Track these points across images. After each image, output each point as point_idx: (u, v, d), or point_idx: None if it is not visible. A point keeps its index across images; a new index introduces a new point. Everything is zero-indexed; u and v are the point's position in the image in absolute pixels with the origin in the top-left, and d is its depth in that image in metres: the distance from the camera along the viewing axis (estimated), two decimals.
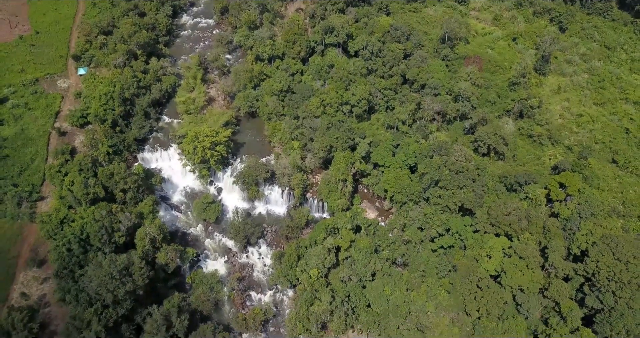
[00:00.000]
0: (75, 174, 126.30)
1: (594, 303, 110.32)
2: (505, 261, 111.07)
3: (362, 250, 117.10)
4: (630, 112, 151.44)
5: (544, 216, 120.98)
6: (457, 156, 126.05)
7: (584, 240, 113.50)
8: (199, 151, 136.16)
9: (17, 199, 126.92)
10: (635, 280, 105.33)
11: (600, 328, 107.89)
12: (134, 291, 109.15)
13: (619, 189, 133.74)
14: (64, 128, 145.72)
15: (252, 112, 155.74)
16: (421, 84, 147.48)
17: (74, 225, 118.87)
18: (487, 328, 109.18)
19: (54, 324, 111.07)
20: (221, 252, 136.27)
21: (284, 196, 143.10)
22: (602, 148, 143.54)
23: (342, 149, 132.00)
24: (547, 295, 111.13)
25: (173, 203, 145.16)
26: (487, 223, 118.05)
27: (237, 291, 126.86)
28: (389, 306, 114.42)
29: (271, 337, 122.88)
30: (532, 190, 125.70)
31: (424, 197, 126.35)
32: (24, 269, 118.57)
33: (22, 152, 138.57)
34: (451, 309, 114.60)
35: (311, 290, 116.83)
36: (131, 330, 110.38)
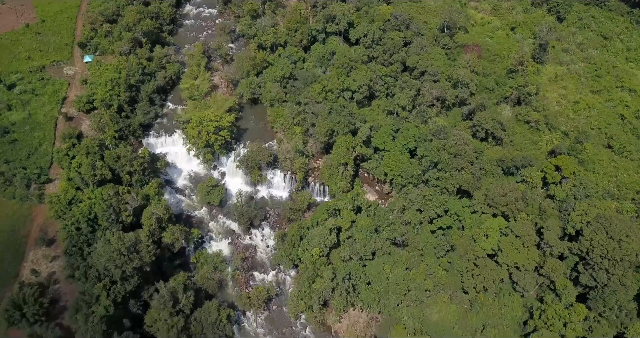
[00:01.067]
0: (82, 157, 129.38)
1: (587, 281, 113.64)
2: (501, 239, 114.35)
3: (363, 230, 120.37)
4: (626, 100, 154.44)
5: (539, 198, 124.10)
6: (456, 140, 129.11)
7: (578, 220, 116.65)
8: (203, 136, 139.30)
9: (25, 181, 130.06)
10: (627, 257, 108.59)
11: (594, 304, 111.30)
12: (141, 268, 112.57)
13: (614, 173, 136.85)
14: (71, 113, 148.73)
15: (255, 99, 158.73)
16: (421, 71, 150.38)
17: (82, 206, 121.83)
18: (484, 304, 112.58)
19: (64, 300, 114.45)
20: (225, 234, 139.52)
21: (286, 181, 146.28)
22: (597, 134, 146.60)
23: (343, 133, 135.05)
24: (542, 272, 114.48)
25: (177, 187, 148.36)
26: (484, 204, 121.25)
27: (241, 271, 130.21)
28: (389, 284, 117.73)
29: (274, 315, 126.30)
30: (528, 173, 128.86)
31: (423, 180, 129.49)
32: (33, 248, 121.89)
33: (30, 136, 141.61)
34: (449, 287, 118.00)
35: (313, 269, 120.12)
36: (138, 305, 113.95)
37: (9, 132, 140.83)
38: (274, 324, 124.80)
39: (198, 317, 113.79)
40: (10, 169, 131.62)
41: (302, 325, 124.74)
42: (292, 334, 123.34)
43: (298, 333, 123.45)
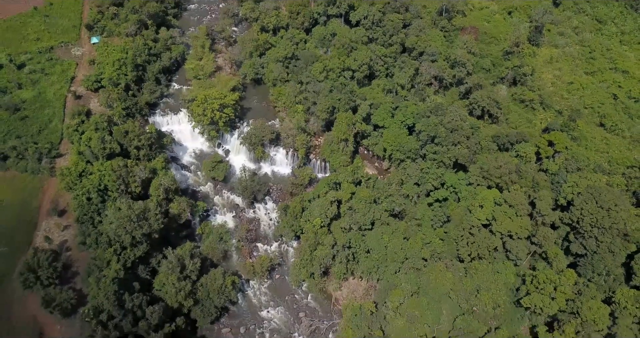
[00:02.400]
0: (92, 132, 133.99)
1: (578, 249, 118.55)
2: (495, 209, 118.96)
3: (362, 200, 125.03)
4: (619, 80, 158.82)
5: (533, 171, 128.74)
6: (453, 116, 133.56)
7: (569, 191, 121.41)
8: (208, 113, 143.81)
9: (37, 155, 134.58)
10: (615, 225, 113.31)
11: (583, 270, 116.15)
12: (150, 235, 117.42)
13: (605, 149, 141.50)
14: (79, 91, 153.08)
15: (258, 79, 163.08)
16: (419, 51, 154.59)
17: (92, 178, 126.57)
18: (478, 269, 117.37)
19: (75, 266, 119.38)
20: (229, 208, 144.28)
21: (289, 158, 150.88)
22: (590, 113, 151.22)
23: (344, 110, 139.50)
24: (534, 241, 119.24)
25: (183, 163, 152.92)
26: (479, 176, 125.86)
27: (245, 242, 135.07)
28: (387, 253, 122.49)
29: (277, 284, 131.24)
30: (522, 148, 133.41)
31: (421, 154, 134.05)
32: (45, 218, 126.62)
33: (41, 113, 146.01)
34: (445, 256, 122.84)
35: (314, 237, 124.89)
36: (147, 271, 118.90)
37: (19, 109, 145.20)
38: (276, 292, 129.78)
39: (204, 282, 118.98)
40: (22, 143, 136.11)
41: (304, 293, 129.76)
42: (294, 301, 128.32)
43: (300, 301, 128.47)
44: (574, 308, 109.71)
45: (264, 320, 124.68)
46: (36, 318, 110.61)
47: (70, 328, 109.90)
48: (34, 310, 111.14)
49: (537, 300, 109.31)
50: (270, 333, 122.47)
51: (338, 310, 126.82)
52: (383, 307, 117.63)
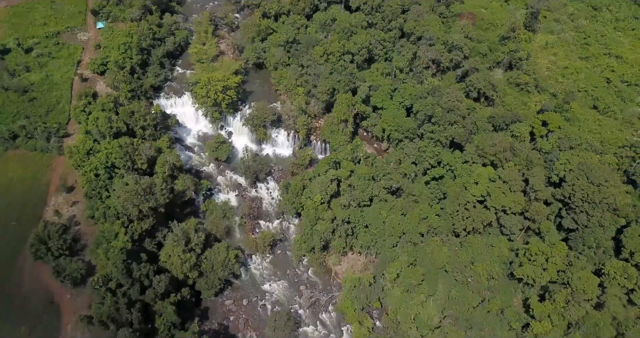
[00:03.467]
0: (99, 112, 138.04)
1: (569, 224, 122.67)
2: (490, 185, 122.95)
3: (361, 177, 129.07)
4: (612, 65, 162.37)
5: (527, 150, 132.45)
6: (450, 97, 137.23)
7: (562, 169, 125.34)
8: (211, 95, 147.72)
9: (46, 134, 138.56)
10: (605, 200, 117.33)
11: (574, 244, 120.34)
12: (156, 209, 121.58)
13: (598, 130, 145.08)
14: (86, 74, 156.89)
15: (260, 64, 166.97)
16: (417, 36, 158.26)
17: (99, 155, 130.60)
18: (472, 243, 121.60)
19: (84, 240, 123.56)
20: (232, 187, 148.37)
21: (290, 139, 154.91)
22: (584, 96, 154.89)
23: (343, 91, 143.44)
24: (527, 216, 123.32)
25: (187, 144, 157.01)
26: (475, 154, 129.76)
27: (248, 219, 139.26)
28: (385, 228, 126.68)
29: (278, 259, 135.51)
30: (517, 128, 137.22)
31: (418, 133, 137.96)
32: (54, 194, 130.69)
33: (48, 95, 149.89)
34: (441, 231, 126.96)
35: (315, 213, 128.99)
36: (153, 244, 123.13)
37: (28, 91, 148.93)
38: (278, 266, 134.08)
39: (208, 255, 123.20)
40: (31, 123, 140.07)
41: (305, 268, 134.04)
42: (295, 275, 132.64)
43: (301, 275, 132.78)
44: (564, 278, 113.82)
45: (266, 293, 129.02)
46: (47, 287, 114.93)
47: (79, 296, 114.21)
48: (45, 279, 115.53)
49: (529, 270, 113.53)
50: (272, 305, 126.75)
51: (338, 283, 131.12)
52: (381, 279, 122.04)
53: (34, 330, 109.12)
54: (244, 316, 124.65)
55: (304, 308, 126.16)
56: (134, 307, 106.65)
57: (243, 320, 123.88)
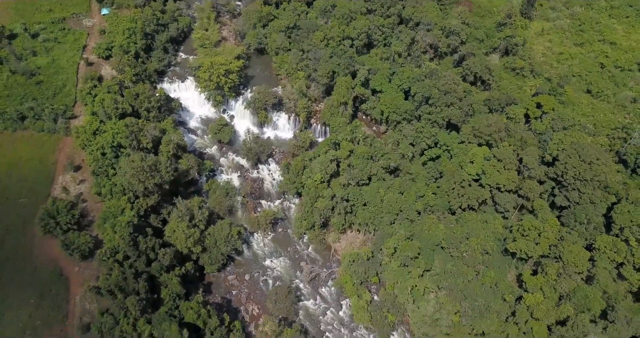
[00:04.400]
0: (105, 94, 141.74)
1: (562, 201, 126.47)
2: (485, 164, 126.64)
3: (360, 156, 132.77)
4: (607, 51, 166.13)
5: (521, 131, 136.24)
6: (447, 80, 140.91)
7: (555, 148, 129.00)
8: (214, 78, 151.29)
9: (53, 115, 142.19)
10: (596, 178, 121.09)
11: (566, 220, 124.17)
12: (161, 185, 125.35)
13: (591, 113, 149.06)
14: (91, 59, 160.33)
15: (261, 49, 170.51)
16: (416, 22, 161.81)
17: (105, 135, 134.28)
18: (468, 219, 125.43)
19: (91, 216, 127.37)
20: (234, 169, 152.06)
21: (290, 122, 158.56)
22: (578, 80, 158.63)
23: (343, 74, 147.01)
24: (521, 193, 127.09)
25: (190, 127, 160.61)
26: (470, 134, 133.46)
27: (250, 198, 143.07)
28: (383, 205, 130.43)
29: (279, 236, 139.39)
30: (512, 110, 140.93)
31: (416, 115, 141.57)
32: (62, 173, 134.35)
33: (55, 78, 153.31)
34: (438, 209, 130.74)
35: (315, 191, 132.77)
36: (158, 220, 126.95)
37: (35, 74, 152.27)
38: (279, 244, 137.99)
39: (212, 231, 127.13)
40: (39, 105, 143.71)
41: (305, 245, 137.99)
42: (295, 252, 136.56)
43: (301, 252, 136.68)
44: (556, 253, 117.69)
45: (267, 269, 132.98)
46: (56, 260, 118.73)
47: (87, 269, 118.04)
48: (54, 253, 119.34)
49: (522, 244, 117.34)
50: (274, 280, 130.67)
51: (337, 259, 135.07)
52: (379, 254, 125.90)
53: (43, 301, 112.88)
54: (246, 290, 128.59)
55: (305, 282, 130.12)
56: (140, 278, 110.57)
57: (245, 294, 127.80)
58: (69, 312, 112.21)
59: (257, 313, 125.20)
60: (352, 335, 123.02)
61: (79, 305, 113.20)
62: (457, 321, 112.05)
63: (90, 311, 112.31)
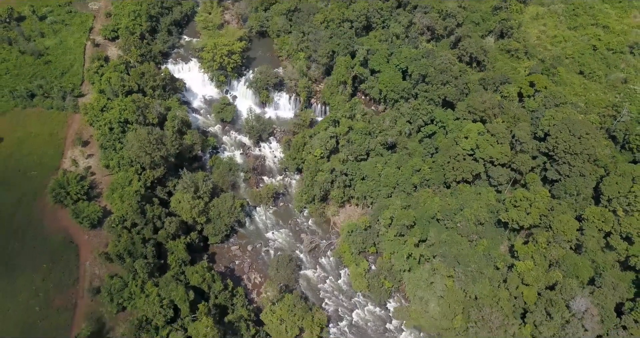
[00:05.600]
0: (112, 73, 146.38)
1: (553, 175, 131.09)
2: (479, 138, 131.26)
3: (359, 132, 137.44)
4: (599, 34, 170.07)
5: (515, 108, 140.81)
6: (443, 60, 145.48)
7: (546, 124, 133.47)
8: (217, 58, 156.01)
9: (61, 93, 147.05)
10: (586, 151, 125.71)
11: (557, 192, 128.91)
12: (167, 158, 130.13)
13: (583, 93, 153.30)
14: (98, 40, 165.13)
15: (263, 32, 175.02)
16: (413, 5, 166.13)
17: (112, 111, 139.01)
18: (462, 191, 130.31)
19: (99, 188, 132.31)
20: (237, 146, 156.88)
21: (291, 102, 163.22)
22: (571, 62, 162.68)
23: (343, 54, 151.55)
24: (513, 167, 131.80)
25: (194, 107, 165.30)
26: (465, 111, 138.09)
27: (252, 174, 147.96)
28: (381, 179, 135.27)
29: (281, 210, 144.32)
30: (506, 89, 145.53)
31: (413, 93, 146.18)
32: (71, 148, 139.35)
33: (63, 59, 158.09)
34: (433, 182, 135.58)
35: (315, 166, 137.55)
36: (164, 192, 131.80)
37: (43, 55, 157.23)
38: (280, 217, 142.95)
39: (216, 203, 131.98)
40: (47, 83, 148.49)
41: (305, 218, 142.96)
42: (296, 225, 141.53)
43: (301, 224, 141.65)
44: (546, 222, 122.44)
45: (269, 240, 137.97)
46: (66, 229, 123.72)
47: (97, 237, 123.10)
48: (65, 222, 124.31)
49: (514, 214, 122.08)
50: (275, 251, 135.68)
51: (336, 232, 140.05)
52: (376, 225, 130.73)
53: (55, 266, 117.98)
54: (249, 260, 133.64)
55: (305, 253, 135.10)
56: (148, 243, 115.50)
57: (248, 264, 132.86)
58: (79, 276, 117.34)
59: (259, 281, 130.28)
60: (350, 302, 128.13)
61: (88, 270, 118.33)
62: (451, 285, 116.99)
63: (100, 276, 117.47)
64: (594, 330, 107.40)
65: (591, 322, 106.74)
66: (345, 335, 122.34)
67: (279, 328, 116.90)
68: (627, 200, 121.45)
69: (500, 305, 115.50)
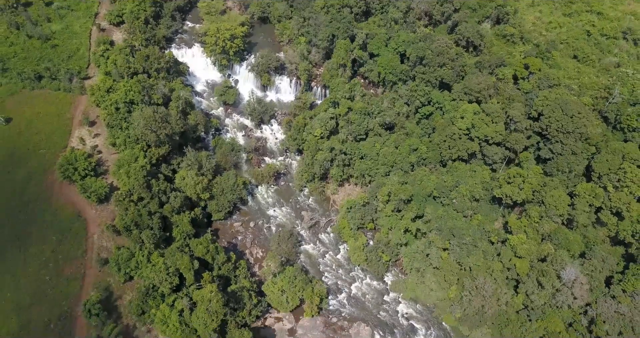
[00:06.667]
0: (117, 55, 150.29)
1: (546, 154, 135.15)
2: (474, 118, 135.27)
3: (358, 112, 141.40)
4: (593, 20, 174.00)
5: (509, 89, 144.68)
6: (440, 43, 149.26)
7: (540, 104, 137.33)
8: (219, 42, 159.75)
9: (68, 75, 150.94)
10: (578, 129, 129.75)
11: (549, 169, 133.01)
12: (172, 136, 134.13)
13: (576, 76, 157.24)
14: (103, 25, 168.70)
15: (264, 18, 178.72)
16: None
17: (118, 92, 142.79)
18: (458, 168, 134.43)
19: (106, 165, 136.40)
20: (239, 128, 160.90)
21: (292, 86, 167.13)
22: (565, 47, 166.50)
23: (342, 38, 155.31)
24: (507, 145, 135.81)
25: (197, 90, 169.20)
26: (461, 92, 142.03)
27: (254, 154, 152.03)
28: (379, 158, 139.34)
29: (282, 189, 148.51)
30: (501, 71, 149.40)
31: (411, 75, 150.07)
32: (78, 127, 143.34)
33: (69, 43, 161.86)
34: (430, 161, 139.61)
35: (315, 145, 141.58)
36: (169, 170, 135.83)
37: (50, 39, 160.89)
38: (282, 195, 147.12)
39: (219, 181, 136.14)
40: (54, 65, 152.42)
41: (306, 196, 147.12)
42: (297, 203, 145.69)
43: (302, 202, 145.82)
44: (539, 197, 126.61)
45: (270, 217, 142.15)
46: (74, 204, 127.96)
47: (104, 212, 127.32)
48: (73, 198, 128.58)
49: (507, 189, 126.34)
50: (277, 227, 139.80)
51: (335, 209, 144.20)
52: (374, 201, 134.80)
53: (64, 239, 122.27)
54: (251, 236, 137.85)
55: (305, 229, 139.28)
56: (154, 216, 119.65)
57: (250, 239, 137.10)
58: (87, 248, 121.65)
59: (261, 256, 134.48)
60: (349, 276, 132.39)
61: (96, 243, 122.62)
62: (446, 257, 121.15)
63: (107, 248, 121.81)
64: (583, 298, 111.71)
65: (580, 290, 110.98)
66: (344, 307, 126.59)
67: (280, 298, 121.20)
68: (617, 176, 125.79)
69: (494, 276, 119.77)
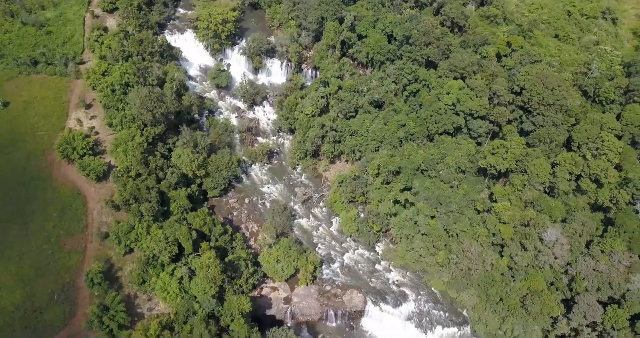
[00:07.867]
0: (112, 40, 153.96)
1: (528, 127, 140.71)
2: (459, 93, 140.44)
3: (347, 89, 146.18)
4: (574, 1, 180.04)
5: (493, 66, 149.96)
6: (426, 23, 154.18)
7: (522, 79, 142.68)
8: (212, 27, 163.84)
9: (63, 60, 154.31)
10: (558, 102, 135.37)
11: (532, 140, 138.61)
12: (167, 115, 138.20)
13: (557, 54, 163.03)
14: (97, 12, 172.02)
15: (255, 4, 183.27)
16: None
17: (114, 74, 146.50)
18: (444, 141, 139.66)
19: (103, 145, 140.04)
20: (232, 110, 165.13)
21: (283, 68, 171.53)
22: (547, 26, 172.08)
23: (331, 20, 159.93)
24: (491, 119, 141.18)
25: (190, 75, 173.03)
26: (447, 70, 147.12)
27: (247, 133, 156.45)
28: (368, 134, 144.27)
29: (275, 167, 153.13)
30: (485, 49, 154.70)
31: (398, 55, 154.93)
32: (75, 110, 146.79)
33: (63, 29, 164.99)
34: (417, 136, 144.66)
35: (307, 123, 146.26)
36: (165, 149, 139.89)
37: (44, 26, 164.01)
38: (275, 173, 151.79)
39: (214, 159, 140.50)
40: (49, 51, 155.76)
41: (298, 174, 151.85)
42: (290, 180, 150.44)
43: (295, 179, 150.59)
44: (521, 167, 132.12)
45: (265, 194, 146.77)
46: (74, 182, 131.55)
47: (103, 189, 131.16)
48: (72, 176, 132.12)
49: (491, 159, 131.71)
50: (271, 203, 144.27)
51: (327, 185, 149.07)
52: (364, 175, 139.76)
53: (64, 215, 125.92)
54: (246, 211, 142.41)
55: (298, 203, 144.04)
56: (152, 190, 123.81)
57: (245, 215, 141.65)
58: (87, 223, 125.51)
59: (257, 230, 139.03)
60: (341, 246, 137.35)
61: (96, 218, 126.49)
62: (434, 224, 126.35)
63: (107, 223, 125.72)
64: (563, 257, 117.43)
65: (561, 250, 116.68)
66: (338, 276, 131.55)
67: (275, 268, 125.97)
68: (595, 145, 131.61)
69: (480, 241, 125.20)
